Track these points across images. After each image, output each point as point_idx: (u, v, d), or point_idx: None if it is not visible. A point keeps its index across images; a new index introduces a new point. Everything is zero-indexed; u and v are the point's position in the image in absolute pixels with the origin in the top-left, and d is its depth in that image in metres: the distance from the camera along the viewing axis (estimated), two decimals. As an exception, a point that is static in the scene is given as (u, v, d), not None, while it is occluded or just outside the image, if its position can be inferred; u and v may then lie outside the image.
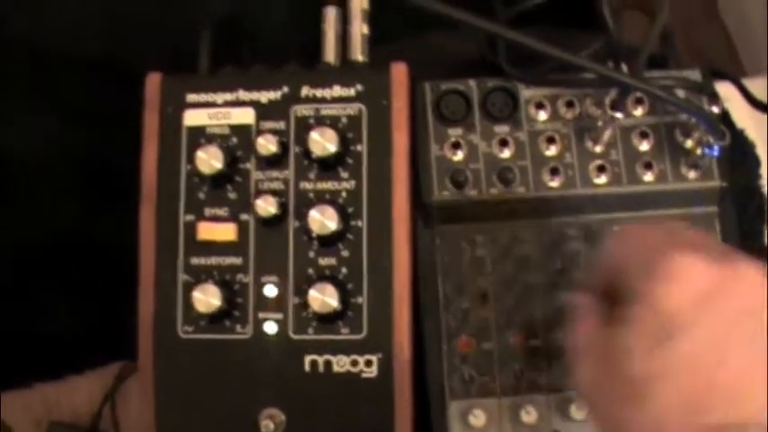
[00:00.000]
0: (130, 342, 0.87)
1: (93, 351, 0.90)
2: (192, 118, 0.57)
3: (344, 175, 0.55)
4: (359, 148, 0.55)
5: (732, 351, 0.38)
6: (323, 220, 0.53)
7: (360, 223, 0.54)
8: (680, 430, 0.37)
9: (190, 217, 0.56)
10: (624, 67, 0.56)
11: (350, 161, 0.55)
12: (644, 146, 0.58)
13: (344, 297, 0.53)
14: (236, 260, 0.55)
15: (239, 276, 0.55)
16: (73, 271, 0.89)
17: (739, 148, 0.59)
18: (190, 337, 0.55)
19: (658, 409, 0.38)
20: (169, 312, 0.56)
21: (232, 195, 0.56)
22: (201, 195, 0.56)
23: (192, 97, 0.57)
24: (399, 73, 0.56)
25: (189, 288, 0.55)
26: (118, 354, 0.91)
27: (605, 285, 0.44)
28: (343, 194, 0.55)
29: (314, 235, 0.53)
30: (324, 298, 0.53)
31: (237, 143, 0.56)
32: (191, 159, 0.56)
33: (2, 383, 0.85)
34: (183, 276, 0.56)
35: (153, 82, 0.57)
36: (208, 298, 0.54)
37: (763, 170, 0.63)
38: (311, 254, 0.55)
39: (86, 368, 0.91)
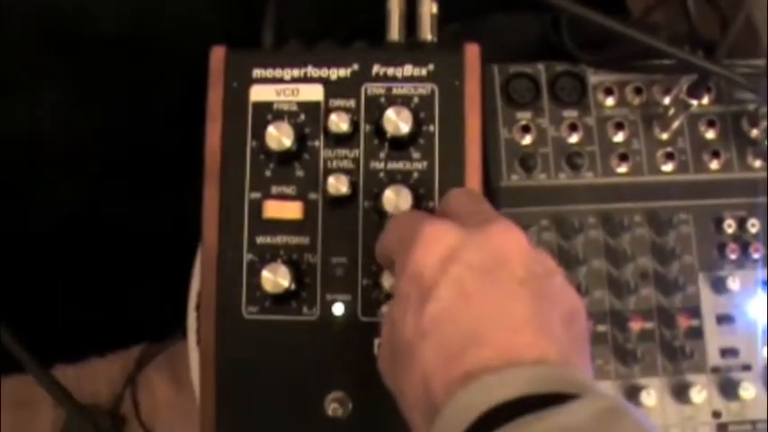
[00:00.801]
0: (153, 326, 0.86)
1: (116, 334, 0.89)
2: (258, 93, 0.55)
3: (416, 155, 0.54)
4: (431, 128, 0.54)
5: (475, 302, 0.40)
6: (398, 200, 0.52)
7: (431, 204, 0.53)
8: (443, 378, 0.39)
9: (256, 194, 0.55)
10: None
11: (422, 141, 0.54)
12: (710, 134, 0.58)
13: (416, 279, 0.52)
14: (304, 240, 0.54)
15: (307, 256, 0.54)
16: (96, 253, 0.88)
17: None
18: (254, 317, 0.54)
19: (422, 366, 0.40)
20: (233, 292, 0.54)
21: (300, 173, 0.55)
22: (268, 173, 0.55)
23: (258, 72, 0.56)
24: (472, 54, 0.55)
25: (253, 267, 0.54)
26: (140, 337, 0.89)
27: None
28: (415, 175, 0.54)
29: (388, 215, 0.52)
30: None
31: (306, 120, 0.55)
32: (256, 136, 0.54)
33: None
34: (248, 255, 0.54)
35: (217, 56, 0.56)
36: (277, 278, 0.52)
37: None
38: (380, 233, 0.54)
39: (108, 351, 0.89)
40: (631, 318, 0.56)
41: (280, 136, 0.53)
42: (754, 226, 0.58)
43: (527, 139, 0.56)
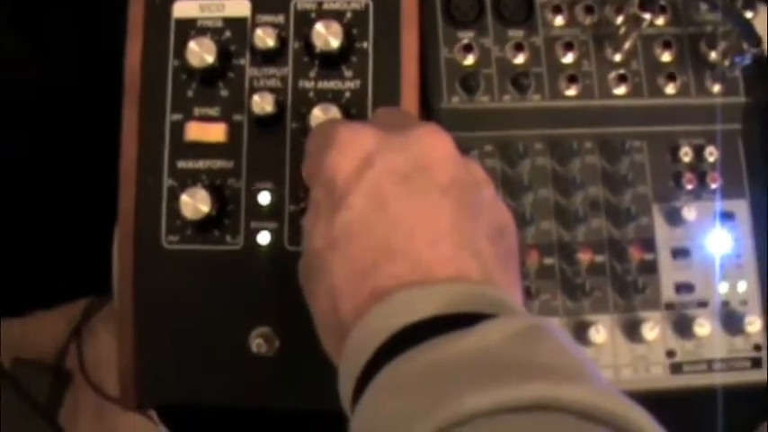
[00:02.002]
0: (99, 278, 0.82)
1: (62, 287, 0.85)
2: (181, 10, 0.52)
3: (348, 74, 0.51)
4: (365, 45, 0.51)
5: (391, 211, 0.37)
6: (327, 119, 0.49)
7: (364, 126, 0.50)
8: (352, 297, 0.36)
9: (177, 116, 0.51)
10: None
11: (354, 59, 0.51)
12: (666, 56, 0.54)
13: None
14: (227, 164, 0.51)
15: (230, 181, 0.51)
16: (40, 205, 0.84)
17: (764, 63, 0.55)
18: (174, 247, 0.51)
19: (330, 281, 0.37)
20: (152, 221, 0.51)
21: (224, 93, 0.51)
22: (190, 93, 0.51)
23: (181, -13, 0.52)
24: (410, -33, 0.51)
25: (175, 193, 0.50)
26: (86, 290, 0.86)
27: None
28: (347, 95, 0.50)
29: (315, 135, 0.49)
30: (324, 205, 0.48)
31: (231, 37, 0.51)
32: (179, 54, 0.51)
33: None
34: (168, 181, 0.51)
35: (138, -30, 0.52)
36: (196, 203, 0.49)
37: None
38: (310, 157, 0.50)
39: (53, 304, 0.86)
40: (580, 250, 0.53)
41: (201, 52, 0.49)
42: (711, 155, 0.54)
43: (469, 60, 0.53)
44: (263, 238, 0.50)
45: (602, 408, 0.28)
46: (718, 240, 0.53)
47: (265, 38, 0.50)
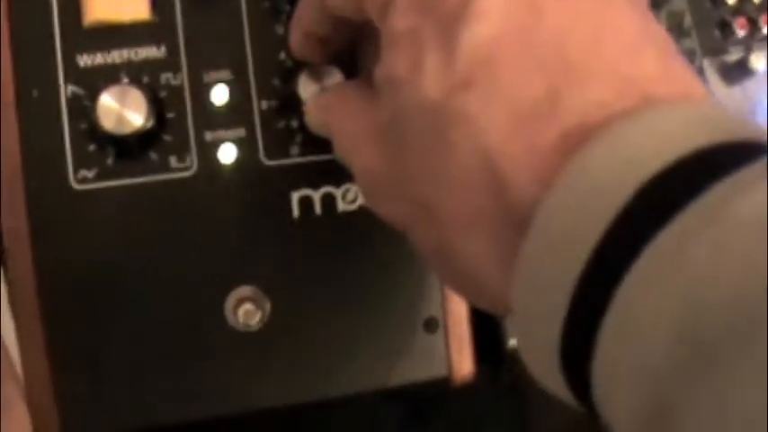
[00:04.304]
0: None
1: None
2: None
3: None
4: None
5: (550, 13, 0.22)
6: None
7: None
8: (524, 152, 0.21)
9: (67, -12, 0.33)
10: None
11: None
12: None
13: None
14: (157, 51, 0.34)
15: (165, 77, 0.34)
16: None
17: None
18: (90, 186, 0.33)
19: (474, 137, 0.22)
20: (50, 153, 0.33)
21: (136, -54, 0.34)
22: (82, -50, 0.34)
23: None
24: None
25: (80, 105, 0.33)
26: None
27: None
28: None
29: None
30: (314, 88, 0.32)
31: None
32: None
33: None
34: (67, 89, 0.33)
35: None
36: (124, 110, 0.32)
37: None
38: (279, 27, 0.34)
39: None
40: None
41: None
42: (757, -7, 0.42)
43: None
44: (226, 153, 0.34)
45: None
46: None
47: None
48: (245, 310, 0.33)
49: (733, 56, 0.42)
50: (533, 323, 0.21)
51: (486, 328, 0.38)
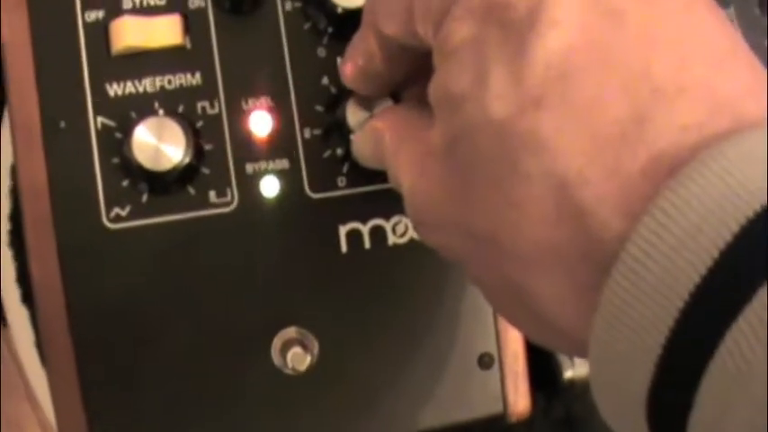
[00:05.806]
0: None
1: None
2: None
3: None
4: None
5: (632, 21, 0.20)
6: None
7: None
8: (606, 178, 0.19)
9: (95, 13, 0.31)
10: None
11: None
12: None
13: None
14: (192, 79, 0.31)
15: (202, 106, 0.31)
16: None
17: None
18: (124, 225, 0.31)
19: (545, 162, 0.20)
20: (80, 190, 0.31)
21: (166, -32, 0.32)
22: (110, -27, 0.31)
23: None
24: None
25: (110, 138, 0.31)
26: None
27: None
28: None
29: (338, 9, 0.31)
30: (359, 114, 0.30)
31: None
32: None
33: None
34: (97, 119, 0.31)
35: None
36: (161, 144, 0.29)
37: None
38: (321, 50, 0.32)
39: None
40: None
41: None
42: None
43: None
44: (269, 186, 0.31)
45: None
46: None
47: None
48: (294, 354, 0.31)
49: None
50: (616, 366, 0.19)
51: (540, 359, 0.36)
